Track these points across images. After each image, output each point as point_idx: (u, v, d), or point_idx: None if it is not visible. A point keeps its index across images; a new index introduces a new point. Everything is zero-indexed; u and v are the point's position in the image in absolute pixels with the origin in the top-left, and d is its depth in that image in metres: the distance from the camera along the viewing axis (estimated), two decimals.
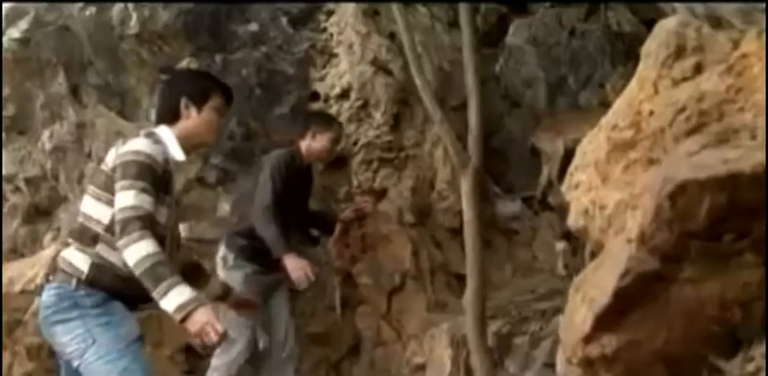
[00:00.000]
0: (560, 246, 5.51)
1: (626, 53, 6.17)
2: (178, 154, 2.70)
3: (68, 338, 2.57)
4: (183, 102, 2.79)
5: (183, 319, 2.43)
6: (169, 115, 2.81)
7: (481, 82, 5.40)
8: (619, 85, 6.21)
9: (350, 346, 5.40)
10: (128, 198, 2.51)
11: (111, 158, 2.68)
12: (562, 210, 5.63)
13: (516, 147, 6.37)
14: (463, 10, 4.77)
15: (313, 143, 4.77)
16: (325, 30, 6.19)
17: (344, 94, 5.99)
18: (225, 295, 3.19)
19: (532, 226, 6.18)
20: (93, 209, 2.67)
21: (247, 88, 5.92)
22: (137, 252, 2.46)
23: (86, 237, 2.66)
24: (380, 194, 5.95)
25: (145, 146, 2.64)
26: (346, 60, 6.00)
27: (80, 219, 2.72)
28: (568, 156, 6.41)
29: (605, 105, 6.45)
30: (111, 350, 2.52)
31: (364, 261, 5.36)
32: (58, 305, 2.62)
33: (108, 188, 2.63)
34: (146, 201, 2.53)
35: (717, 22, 5.54)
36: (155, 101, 3.36)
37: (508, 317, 4.38)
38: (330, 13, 6.14)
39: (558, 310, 4.24)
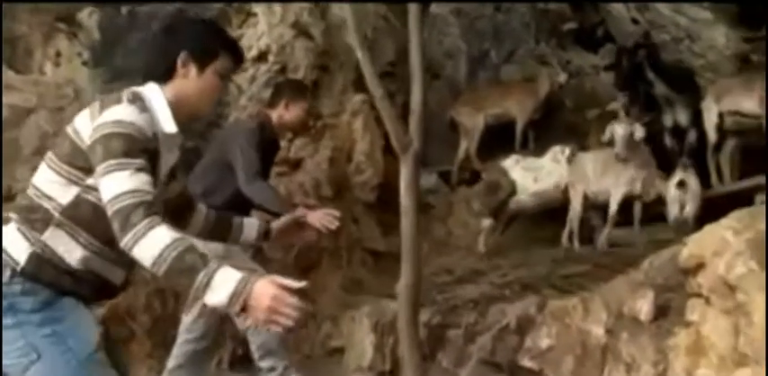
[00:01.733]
0: (486, 222, 5.46)
1: (550, 31, 6.13)
2: (169, 124, 2.09)
3: (5, 349, 2.00)
4: (183, 56, 2.11)
5: (243, 309, 1.82)
6: (161, 71, 2.14)
7: (404, 49, 5.22)
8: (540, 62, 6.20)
9: None
10: (121, 182, 1.92)
11: (86, 128, 2.03)
12: (489, 185, 5.63)
13: (434, 120, 6.22)
14: None
15: (286, 113, 4.34)
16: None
17: (262, 57, 5.65)
18: None
19: (448, 201, 6.12)
20: (49, 184, 2.07)
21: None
22: (150, 247, 1.86)
23: (34, 218, 2.05)
24: (295, 165, 5.69)
25: (129, 114, 2.01)
26: (265, 21, 5.63)
27: (30, 193, 2.09)
28: (488, 131, 6.42)
29: (528, 80, 6.47)
30: (60, 369, 1.99)
31: None
32: None
33: (74, 162, 2.04)
34: (145, 183, 1.94)
35: (644, 8, 5.58)
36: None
37: (436, 305, 4.30)
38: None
39: (491, 300, 4.20)
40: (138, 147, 1.98)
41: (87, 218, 2.01)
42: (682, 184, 4.66)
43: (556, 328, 3.37)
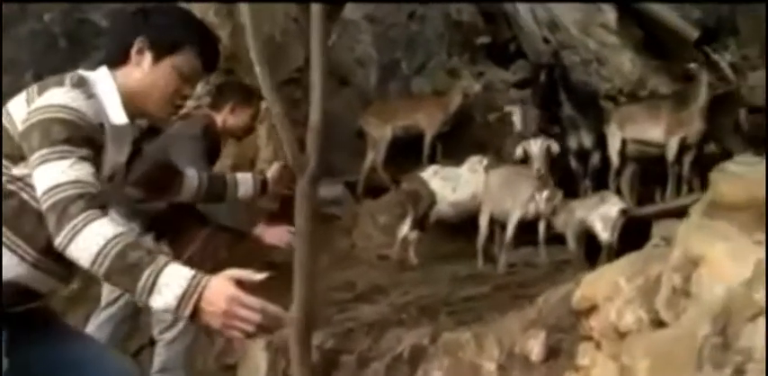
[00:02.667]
0: (413, 235, 5.36)
1: (462, 44, 6.09)
2: (117, 114, 1.82)
3: None
4: (139, 42, 1.85)
5: (193, 314, 1.53)
6: (115, 55, 1.87)
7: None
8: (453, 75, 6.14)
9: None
10: (61, 172, 1.65)
11: (20, 112, 1.76)
12: (411, 195, 5.52)
13: (341, 128, 6.09)
14: None
15: (231, 118, 4.06)
16: None
17: None
18: None
19: (354, 212, 6.01)
20: None
21: (49, 37, 5.15)
22: (89, 244, 1.58)
23: None
24: None
25: (73, 99, 1.74)
26: None
27: None
28: (396, 142, 6.33)
29: (438, 94, 6.41)
30: None
31: None
32: None
33: (5, 148, 1.76)
34: (89, 174, 1.67)
35: (555, 28, 5.60)
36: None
37: (331, 326, 4.18)
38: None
39: (387, 325, 4.12)
40: (82, 134, 1.71)
41: (13, 213, 1.74)
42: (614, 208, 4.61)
43: (448, 361, 3.31)
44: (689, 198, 4.29)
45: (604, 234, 4.55)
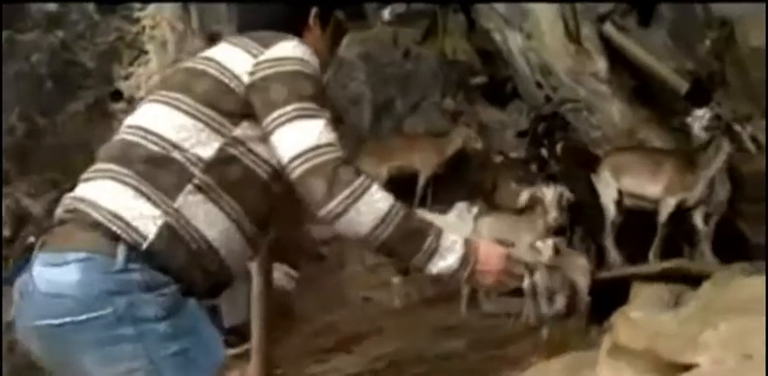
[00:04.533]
0: (396, 280, 5.28)
1: (458, 83, 6.00)
2: None
3: (115, 370, 1.41)
4: (315, 11, 1.67)
5: (471, 274, 1.51)
6: (290, 24, 1.64)
7: None
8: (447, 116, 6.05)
9: None
10: (316, 132, 1.43)
11: (242, 63, 1.51)
12: None
13: None
14: None
15: None
16: (138, 21, 5.51)
17: None
18: None
19: (341, 252, 5.94)
20: (180, 131, 1.48)
21: (36, 78, 5.18)
22: (373, 209, 1.43)
23: (162, 177, 1.46)
24: None
25: (306, 53, 1.54)
26: (157, 60, 5.38)
27: (144, 141, 1.49)
28: (391, 182, 6.16)
29: (432, 134, 6.31)
30: None
31: None
32: (89, 305, 1.39)
33: (218, 105, 1.49)
34: (337, 140, 1.48)
35: (548, 73, 5.48)
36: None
37: None
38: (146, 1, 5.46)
39: None
40: (323, 93, 1.52)
41: (234, 180, 1.49)
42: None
43: None
44: (664, 264, 4.18)
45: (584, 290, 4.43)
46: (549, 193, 4.58)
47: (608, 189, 4.75)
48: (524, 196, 4.75)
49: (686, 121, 4.41)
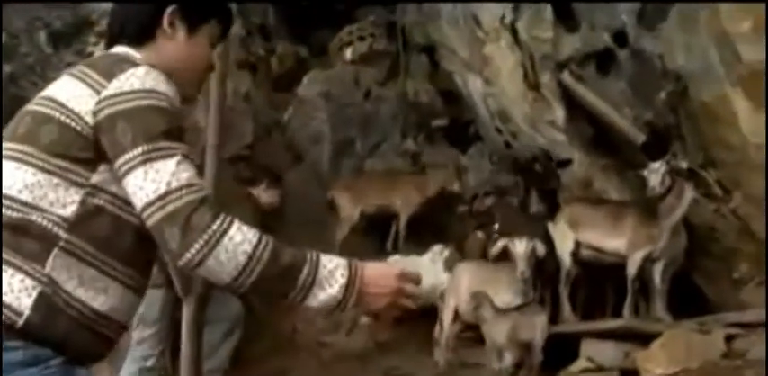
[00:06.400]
0: (364, 319, 5.07)
1: (418, 125, 5.95)
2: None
3: None
4: (170, 12, 1.51)
5: (360, 299, 1.39)
6: (137, 31, 1.52)
7: (266, 128, 4.79)
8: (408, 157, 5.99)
9: None
10: (167, 174, 1.33)
11: (86, 102, 1.39)
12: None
13: (295, 202, 5.89)
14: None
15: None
16: (92, 55, 5.41)
17: None
18: None
19: None
20: (33, 189, 1.37)
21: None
22: (235, 254, 1.32)
23: (26, 244, 1.35)
24: None
25: (159, 81, 1.40)
26: None
27: (4, 210, 1.37)
28: (364, 220, 5.90)
29: (392, 174, 6.20)
30: None
31: None
32: None
33: (69, 153, 1.38)
34: (196, 175, 1.38)
35: (507, 119, 5.45)
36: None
37: None
38: (101, 35, 5.35)
39: None
40: (179, 125, 1.39)
41: (105, 234, 1.39)
42: None
43: None
44: (619, 321, 4.11)
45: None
46: (522, 246, 4.35)
47: (565, 240, 4.64)
48: (498, 246, 4.58)
49: (642, 174, 4.33)
